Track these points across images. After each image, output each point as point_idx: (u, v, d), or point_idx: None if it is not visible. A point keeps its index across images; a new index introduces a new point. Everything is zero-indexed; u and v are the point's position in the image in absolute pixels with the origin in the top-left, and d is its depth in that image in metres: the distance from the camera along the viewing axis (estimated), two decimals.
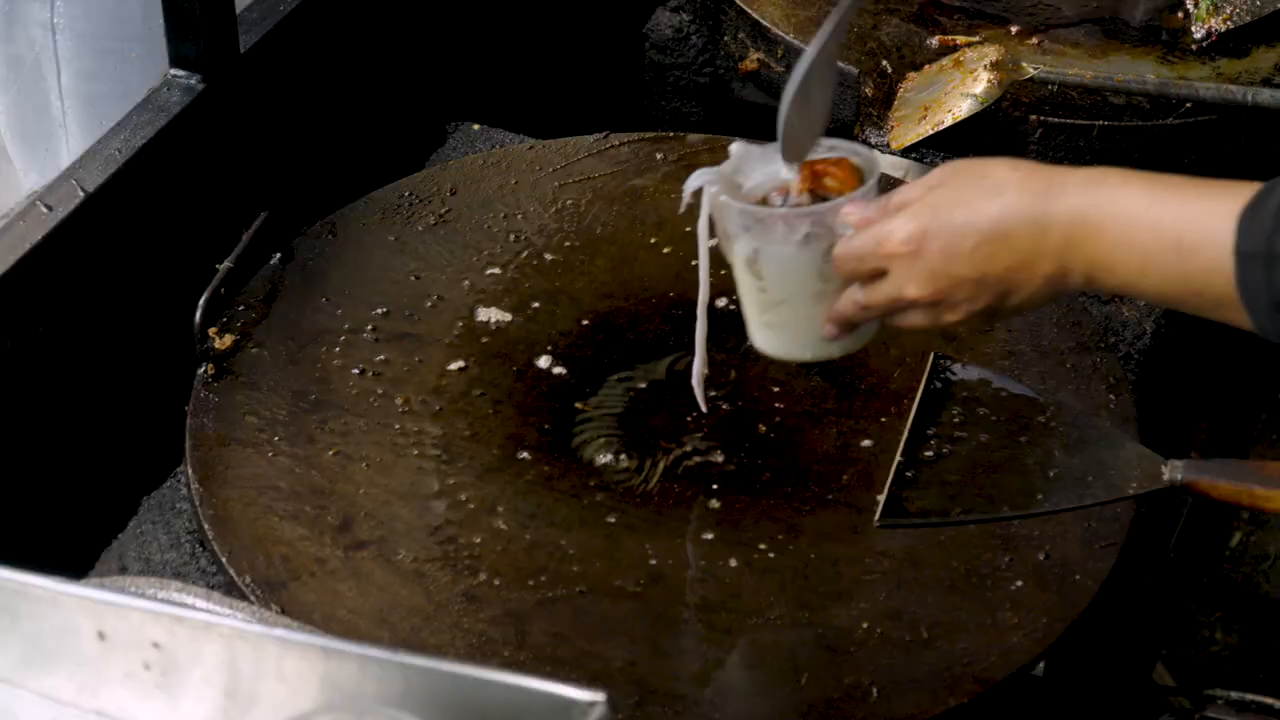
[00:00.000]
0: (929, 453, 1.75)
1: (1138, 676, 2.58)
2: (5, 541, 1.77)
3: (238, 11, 2.00)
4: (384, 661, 1.19)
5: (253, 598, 1.61)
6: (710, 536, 1.70)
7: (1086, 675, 2.15)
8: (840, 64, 2.24)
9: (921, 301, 1.53)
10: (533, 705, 1.14)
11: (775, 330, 1.64)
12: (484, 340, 1.88)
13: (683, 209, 1.64)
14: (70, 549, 1.75)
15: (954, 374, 1.82)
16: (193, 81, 1.96)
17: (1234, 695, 2.40)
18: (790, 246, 1.57)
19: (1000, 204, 1.50)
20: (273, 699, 1.21)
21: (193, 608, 1.46)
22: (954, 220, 1.50)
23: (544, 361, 1.86)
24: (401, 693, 1.19)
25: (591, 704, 1.13)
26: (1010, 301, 1.52)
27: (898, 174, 2.14)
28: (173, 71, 1.97)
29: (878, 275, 1.54)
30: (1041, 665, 2.10)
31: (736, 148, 1.64)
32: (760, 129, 2.18)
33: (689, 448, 1.78)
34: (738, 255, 1.61)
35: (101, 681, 1.21)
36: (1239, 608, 3.27)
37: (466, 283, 1.94)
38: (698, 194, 1.62)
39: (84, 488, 1.88)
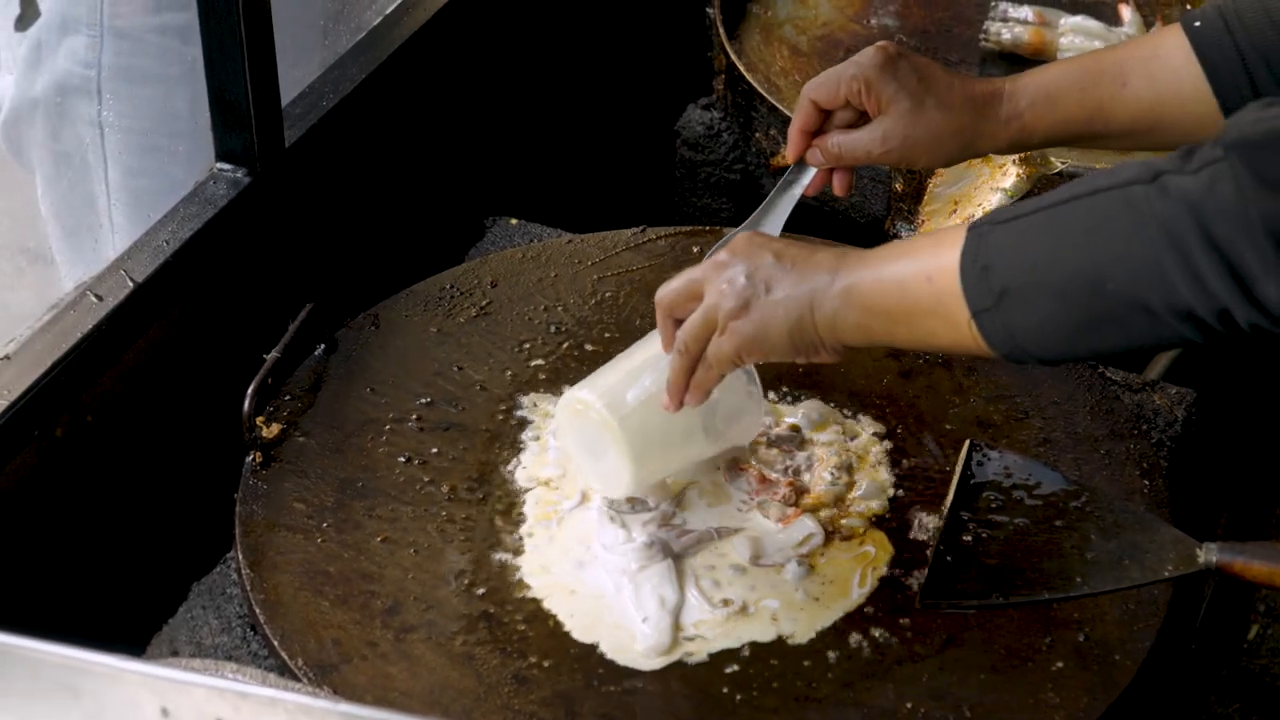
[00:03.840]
0: (968, 537, 1.77)
1: None
2: (57, 627, 1.79)
3: (282, 106, 2.03)
4: None
5: (305, 680, 1.63)
6: None
7: None
8: None
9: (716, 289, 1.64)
10: None
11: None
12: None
13: None
14: (119, 635, 1.77)
15: (990, 461, 1.84)
16: (239, 175, 2.00)
17: None
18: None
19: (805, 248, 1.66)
20: None
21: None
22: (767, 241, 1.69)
23: None
24: None
25: None
26: (771, 293, 1.61)
27: None
28: (219, 165, 2.00)
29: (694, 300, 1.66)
30: None
31: None
32: (789, 223, 2.22)
33: None
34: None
35: None
36: (1256, 699, 3.27)
37: (509, 373, 1.97)
38: None
39: (134, 573, 1.90)
